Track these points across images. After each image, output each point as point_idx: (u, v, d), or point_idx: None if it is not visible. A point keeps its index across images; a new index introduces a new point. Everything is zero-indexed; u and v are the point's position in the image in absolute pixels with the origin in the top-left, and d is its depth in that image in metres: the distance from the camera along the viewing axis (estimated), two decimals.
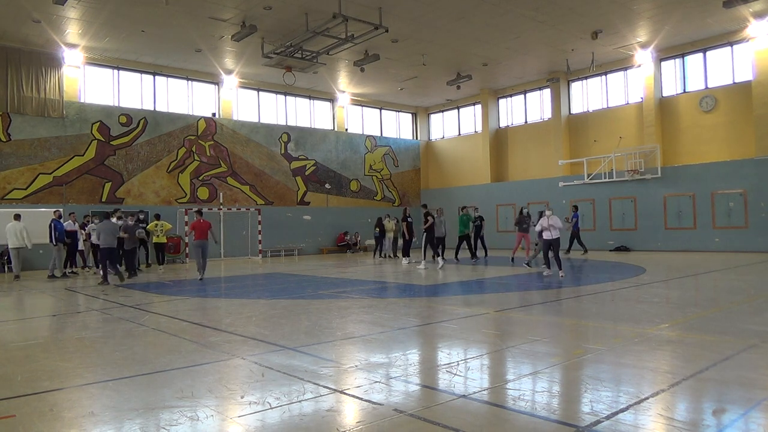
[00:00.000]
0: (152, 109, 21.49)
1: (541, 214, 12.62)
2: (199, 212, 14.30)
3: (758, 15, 17.70)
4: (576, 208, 20.16)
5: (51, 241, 15.04)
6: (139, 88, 21.44)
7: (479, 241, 18.40)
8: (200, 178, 22.19)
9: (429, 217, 15.92)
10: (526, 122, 26.29)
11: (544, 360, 5.12)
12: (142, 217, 17.74)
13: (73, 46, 18.82)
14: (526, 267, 14.51)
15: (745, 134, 19.30)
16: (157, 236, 17.77)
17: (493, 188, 26.23)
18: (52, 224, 15.15)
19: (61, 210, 16.23)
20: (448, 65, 22.23)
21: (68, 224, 15.98)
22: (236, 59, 20.75)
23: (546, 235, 12.27)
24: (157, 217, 18.60)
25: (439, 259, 15.42)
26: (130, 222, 15.24)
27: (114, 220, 14.72)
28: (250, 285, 13.06)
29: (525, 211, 16.44)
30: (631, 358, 5.11)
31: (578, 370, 4.81)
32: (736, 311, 7.52)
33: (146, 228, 17.62)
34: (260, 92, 24.46)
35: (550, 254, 12.40)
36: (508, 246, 22.27)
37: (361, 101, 27.58)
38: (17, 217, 15.16)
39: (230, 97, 23.29)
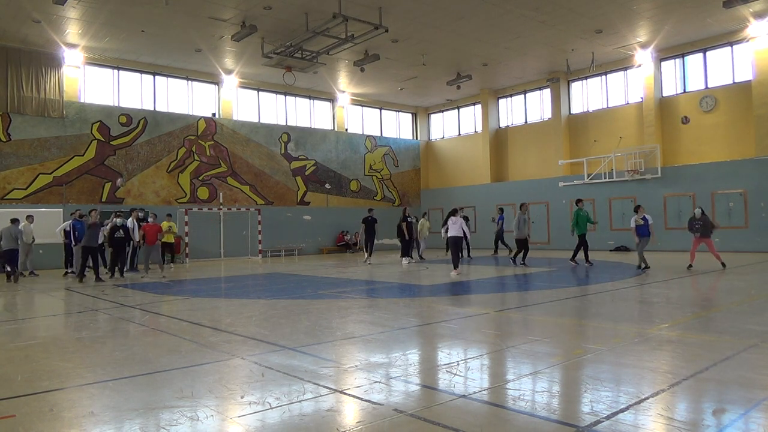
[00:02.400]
0: (152, 109, 21.49)
1: (449, 215, 13.62)
2: (151, 215, 15.81)
3: (758, 15, 17.70)
4: (501, 210, 19.97)
5: (70, 240, 15.17)
6: (139, 88, 21.44)
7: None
8: (200, 178, 22.19)
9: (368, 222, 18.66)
10: (526, 122, 26.28)
11: (544, 360, 5.12)
12: (141, 215, 17.68)
13: (73, 46, 18.82)
14: (723, 267, 13.61)
15: (745, 134, 19.30)
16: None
17: (493, 188, 26.22)
18: (72, 224, 15.25)
19: (81, 210, 16.31)
20: (448, 65, 22.22)
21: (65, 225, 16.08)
22: (236, 59, 20.75)
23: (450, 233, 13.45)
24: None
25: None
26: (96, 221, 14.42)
27: (130, 220, 15.51)
28: (250, 285, 13.06)
29: (698, 211, 13.66)
30: (631, 358, 5.11)
31: (578, 370, 4.80)
32: (736, 311, 7.51)
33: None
34: (260, 92, 24.46)
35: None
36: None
37: (361, 101, 27.57)
38: (29, 218, 15.70)
39: (230, 97, 23.29)
